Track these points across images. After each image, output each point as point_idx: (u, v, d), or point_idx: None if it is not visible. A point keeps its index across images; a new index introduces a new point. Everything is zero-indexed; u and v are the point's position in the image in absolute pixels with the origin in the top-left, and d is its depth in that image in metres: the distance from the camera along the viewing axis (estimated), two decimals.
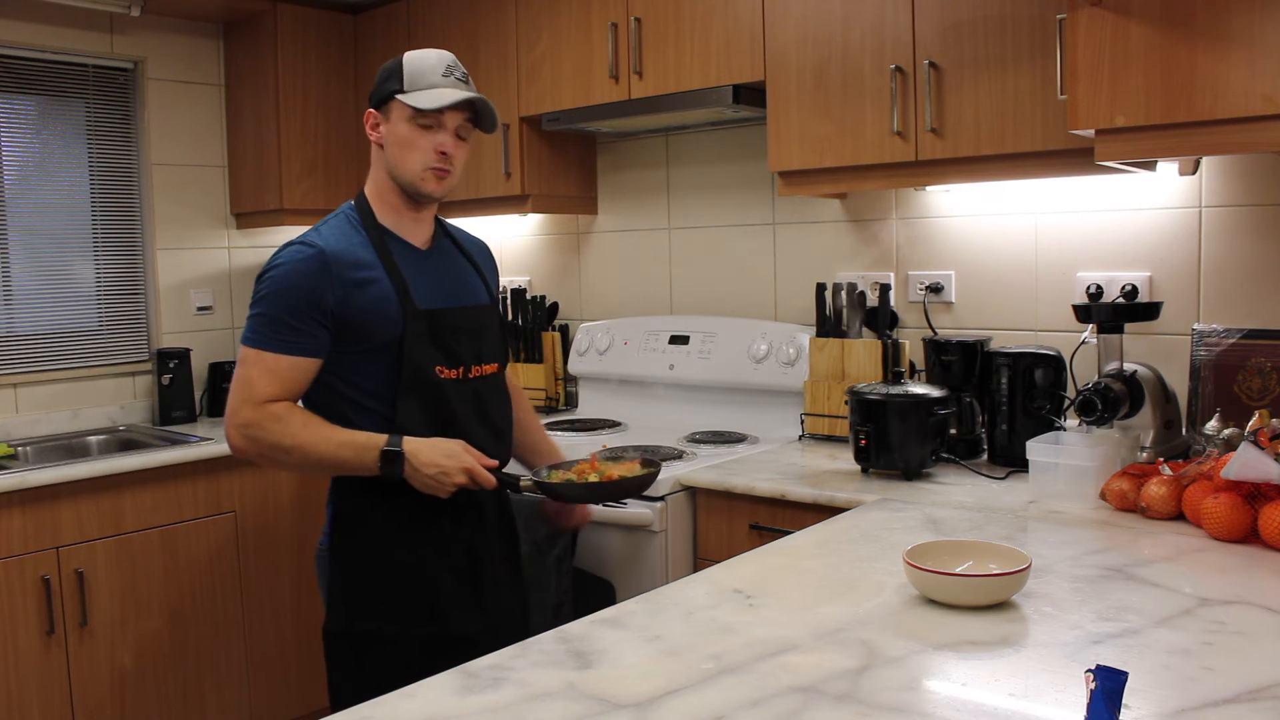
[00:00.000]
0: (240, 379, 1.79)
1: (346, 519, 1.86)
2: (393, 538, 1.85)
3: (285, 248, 1.84)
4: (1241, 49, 1.80)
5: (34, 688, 2.65)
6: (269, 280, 1.81)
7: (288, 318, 1.77)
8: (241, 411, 1.78)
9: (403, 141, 1.85)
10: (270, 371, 1.77)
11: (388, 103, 1.87)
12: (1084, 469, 2.00)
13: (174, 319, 3.60)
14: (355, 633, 1.84)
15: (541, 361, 3.43)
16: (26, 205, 3.31)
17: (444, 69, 1.87)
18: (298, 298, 1.78)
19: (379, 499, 1.83)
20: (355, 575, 1.85)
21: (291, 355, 1.78)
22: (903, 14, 2.35)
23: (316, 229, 1.87)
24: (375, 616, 1.83)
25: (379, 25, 3.61)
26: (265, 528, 3.14)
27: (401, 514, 1.84)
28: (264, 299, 1.80)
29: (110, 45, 3.43)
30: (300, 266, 1.80)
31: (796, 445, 2.70)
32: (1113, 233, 2.46)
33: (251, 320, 1.80)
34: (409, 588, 1.85)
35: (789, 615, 1.43)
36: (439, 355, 1.85)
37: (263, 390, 1.77)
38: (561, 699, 1.17)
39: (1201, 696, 1.14)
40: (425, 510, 1.84)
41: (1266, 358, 2.17)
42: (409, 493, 1.80)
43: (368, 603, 1.84)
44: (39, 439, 3.21)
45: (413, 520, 1.85)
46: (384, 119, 1.88)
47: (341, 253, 1.82)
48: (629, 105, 2.89)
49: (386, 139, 1.88)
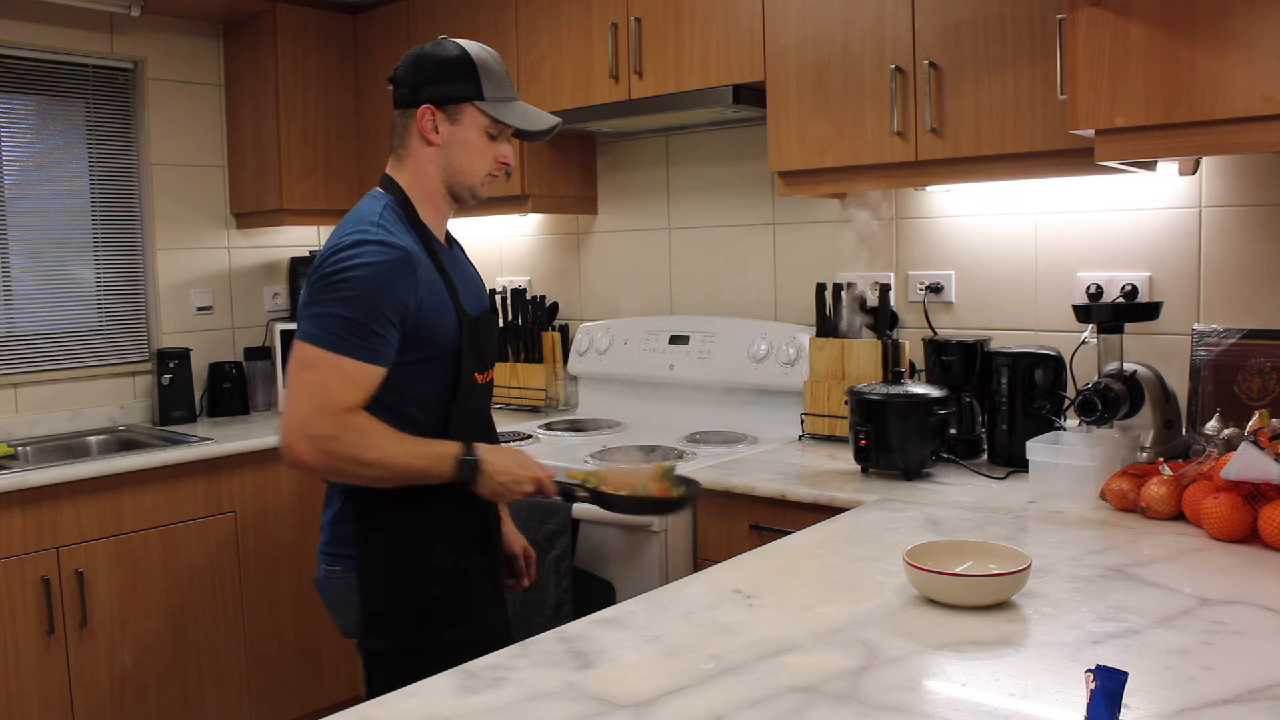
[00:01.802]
0: (310, 385, 1.63)
1: (371, 535, 1.77)
2: (426, 544, 1.78)
3: (360, 246, 1.67)
4: (1241, 49, 1.80)
5: (34, 688, 2.65)
6: (352, 281, 1.64)
7: (371, 323, 1.64)
8: (315, 422, 1.61)
9: (472, 148, 1.80)
10: (349, 379, 1.64)
11: (458, 105, 1.77)
12: (1084, 469, 2.00)
13: (174, 319, 3.61)
14: (405, 648, 1.76)
15: (541, 361, 3.43)
16: (26, 205, 3.31)
17: (510, 77, 1.82)
18: (384, 303, 1.65)
19: (397, 508, 1.76)
20: (399, 588, 1.77)
21: (370, 364, 1.65)
22: (903, 14, 2.35)
23: (379, 225, 1.71)
24: (424, 626, 1.77)
25: (379, 25, 3.61)
26: (265, 528, 3.14)
27: (422, 519, 1.78)
28: (345, 300, 1.64)
29: (110, 45, 3.44)
30: (388, 270, 1.66)
31: (796, 445, 2.70)
32: (1113, 233, 2.46)
33: (324, 320, 1.64)
34: (449, 591, 1.80)
35: (789, 615, 1.43)
36: (477, 362, 1.81)
37: (340, 399, 1.63)
38: (561, 699, 1.17)
39: (1201, 696, 1.14)
40: (441, 513, 1.79)
41: (1266, 358, 2.17)
42: (424, 500, 1.76)
43: (415, 614, 1.77)
44: (39, 439, 3.21)
45: (435, 523, 1.79)
46: (448, 120, 1.78)
47: (418, 255, 1.72)
48: (629, 105, 2.89)
49: (449, 141, 1.79)
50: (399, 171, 1.82)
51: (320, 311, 1.65)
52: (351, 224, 1.72)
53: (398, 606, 1.77)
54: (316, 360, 1.64)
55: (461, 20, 3.31)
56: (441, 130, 1.78)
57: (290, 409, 1.64)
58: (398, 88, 1.81)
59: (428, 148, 1.79)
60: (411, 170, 1.81)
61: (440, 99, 1.77)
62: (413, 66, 1.78)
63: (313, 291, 1.68)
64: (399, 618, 1.76)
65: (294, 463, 1.65)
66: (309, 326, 1.65)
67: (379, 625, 1.77)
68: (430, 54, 1.78)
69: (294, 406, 1.63)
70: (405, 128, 1.81)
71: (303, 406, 1.63)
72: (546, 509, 2.44)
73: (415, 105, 1.78)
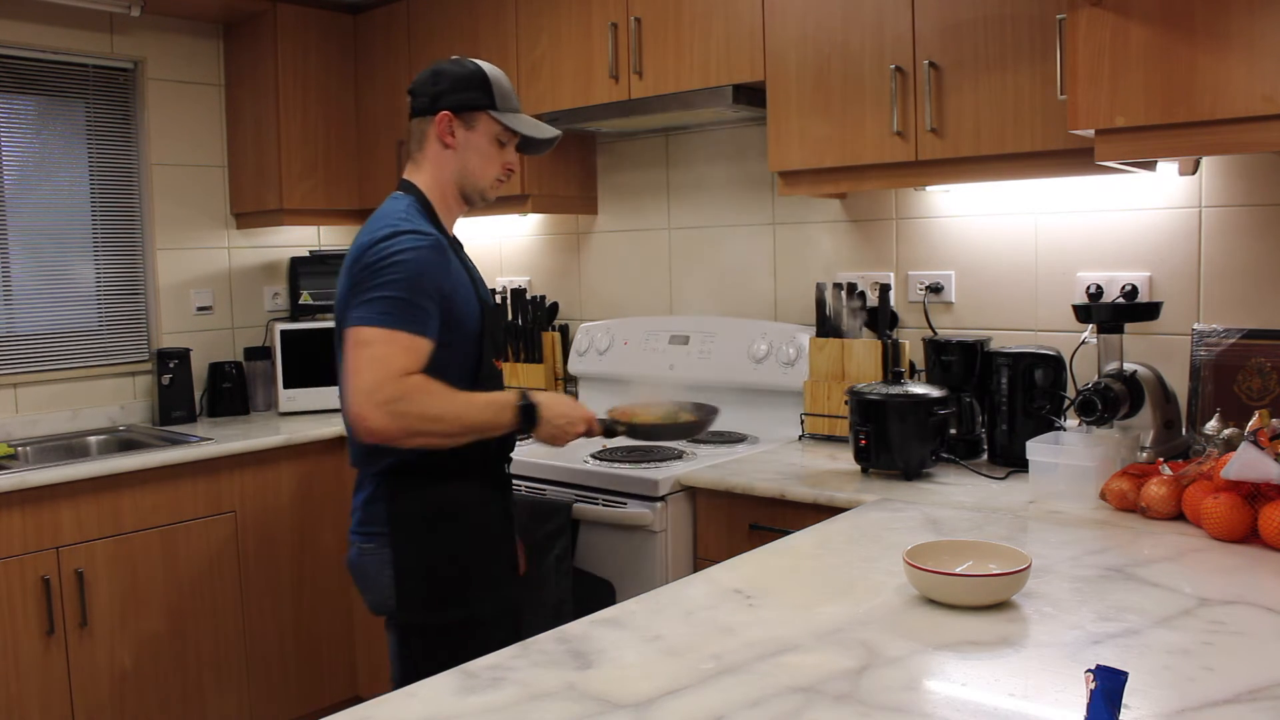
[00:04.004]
0: (370, 358, 1.76)
1: (403, 514, 1.90)
2: (455, 522, 1.92)
3: (396, 236, 1.83)
4: (1241, 49, 1.80)
5: (34, 688, 2.65)
6: (397, 265, 1.80)
7: (417, 300, 1.80)
8: (384, 388, 1.75)
9: (484, 154, 1.98)
10: (407, 350, 1.78)
11: (473, 113, 1.95)
12: (1084, 469, 2.00)
13: (174, 319, 3.60)
14: (437, 623, 1.90)
15: (541, 361, 3.43)
16: (26, 205, 3.31)
17: (515, 94, 2.03)
18: (426, 283, 1.81)
19: (427, 487, 1.90)
20: (430, 563, 1.90)
21: (423, 337, 1.80)
22: (903, 14, 2.35)
23: (408, 220, 1.87)
24: (454, 600, 1.91)
25: (379, 25, 3.61)
26: (265, 528, 3.14)
27: (451, 498, 1.93)
28: (394, 283, 1.79)
29: (110, 45, 3.43)
30: (425, 255, 1.82)
31: (796, 445, 2.70)
32: (1113, 233, 2.46)
33: (377, 303, 1.78)
34: (477, 566, 1.95)
35: (789, 615, 1.43)
36: (494, 349, 1.99)
37: (401, 365, 1.77)
38: (561, 699, 1.17)
39: (1201, 696, 1.14)
40: (468, 494, 1.95)
41: (1266, 358, 2.17)
42: (451, 480, 1.91)
43: (446, 587, 1.91)
44: (39, 439, 3.21)
45: (463, 503, 1.94)
46: (464, 126, 1.96)
47: (445, 245, 1.89)
48: (629, 105, 2.89)
49: (464, 145, 1.96)
50: (417, 175, 1.99)
51: (369, 297, 1.79)
52: (381, 220, 1.88)
53: (429, 580, 1.90)
54: (373, 337, 1.77)
55: (461, 20, 3.31)
56: (457, 135, 1.96)
57: (354, 383, 1.76)
58: (416, 97, 1.98)
59: (445, 151, 1.96)
60: (429, 173, 1.98)
61: (457, 106, 1.95)
62: (431, 79, 1.97)
63: (356, 282, 1.82)
64: (431, 591, 1.90)
65: (368, 432, 1.76)
66: (360, 312, 1.79)
67: (412, 599, 1.89)
68: (448, 68, 1.97)
69: (358, 379, 1.76)
70: (423, 133, 1.98)
71: (367, 376, 1.76)
72: (547, 509, 2.44)
73: (434, 112, 1.95)
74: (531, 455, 2.61)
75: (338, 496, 3.28)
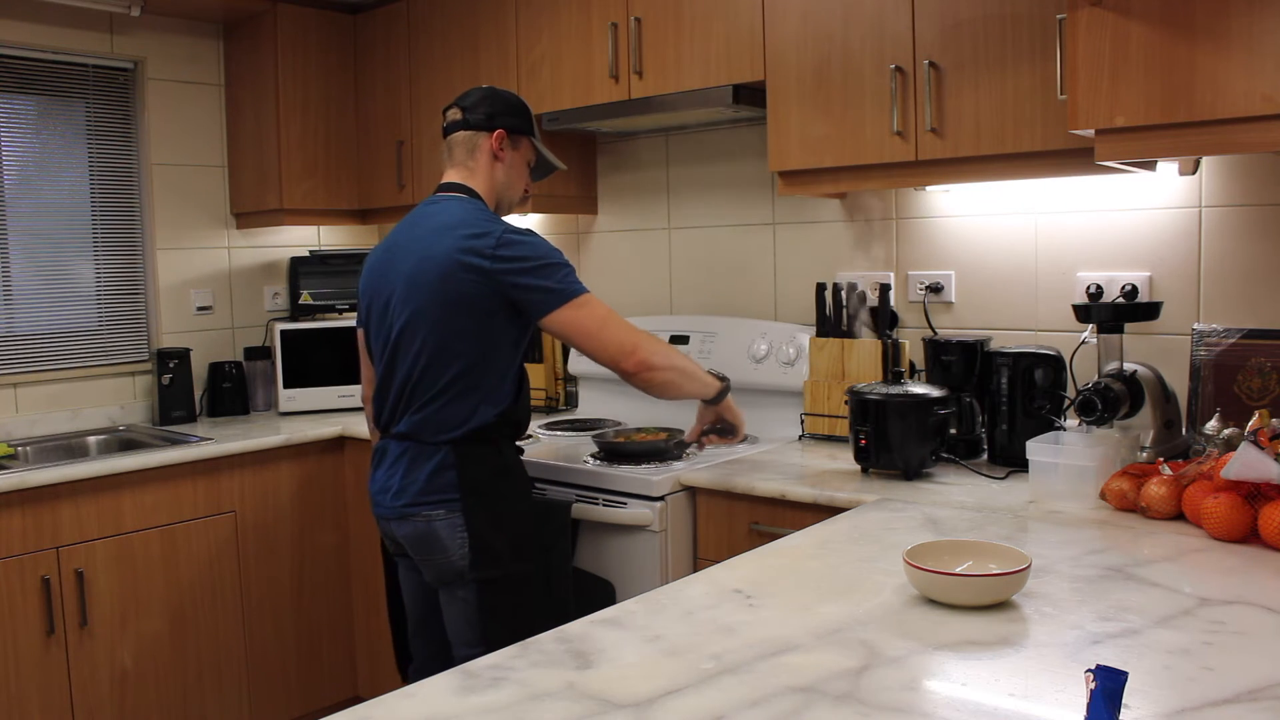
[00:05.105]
0: (607, 316, 2.07)
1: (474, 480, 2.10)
2: (517, 486, 2.19)
3: (515, 231, 2.07)
4: (1241, 49, 1.80)
5: (34, 688, 2.65)
6: (548, 248, 2.08)
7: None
8: (638, 334, 2.07)
9: (519, 173, 2.29)
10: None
11: (519, 136, 2.26)
12: (1084, 469, 2.00)
13: (174, 319, 3.61)
14: (510, 575, 2.11)
15: (541, 361, 3.42)
16: (26, 205, 3.31)
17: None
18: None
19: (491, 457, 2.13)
20: (501, 522, 2.12)
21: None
22: (903, 14, 2.35)
23: (497, 220, 2.13)
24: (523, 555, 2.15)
25: (379, 25, 3.61)
26: (265, 528, 3.14)
27: (511, 463, 2.19)
28: (559, 257, 2.08)
29: (110, 45, 3.44)
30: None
31: (796, 445, 2.70)
32: (1112, 233, 2.46)
33: (566, 271, 2.06)
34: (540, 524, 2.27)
35: (789, 615, 1.43)
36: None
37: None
38: (561, 699, 1.17)
39: (1201, 696, 1.14)
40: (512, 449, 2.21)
41: (1266, 358, 2.17)
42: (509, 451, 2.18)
43: (516, 542, 2.13)
44: (39, 439, 3.22)
45: (522, 470, 2.23)
46: (511, 147, 2.25)
47: None
48: (629, 105, 2.89)
49: (509, 162, 2.25)
50: (472, 179, 2.23)
51: (557, 272, 2.05)
52: (476, 218, 2.11)
53: (505, 533, 2.11)
54: (589, 299, 2.07)
55: (461, 20, 3.31)
56: (506, 152, 2.24)
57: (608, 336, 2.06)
58: (470, 113, 2.22)
59: (495, 163, 2.24)
60: (481, 179, 2.23)
61: (511, 128, 2.24)
62: (487, 99, 2.25)
63: (516, 263, 2.03)
64: (506, 544, 2.11)
65: (648, 366, 2.07)
66: (553, 284, 2.04)
67: (489, 554, 2.09)
68: (501, 93, 2.27)
69: (613, 335, 2.06)
70: (476, 144, 2.23)
71: (621, 331, 2.07)
72: (547, 509, 2.44)
73: (490, 129, 2.22)
74: (531, 455, 2.60)
75: (338, 496, 3.28)
